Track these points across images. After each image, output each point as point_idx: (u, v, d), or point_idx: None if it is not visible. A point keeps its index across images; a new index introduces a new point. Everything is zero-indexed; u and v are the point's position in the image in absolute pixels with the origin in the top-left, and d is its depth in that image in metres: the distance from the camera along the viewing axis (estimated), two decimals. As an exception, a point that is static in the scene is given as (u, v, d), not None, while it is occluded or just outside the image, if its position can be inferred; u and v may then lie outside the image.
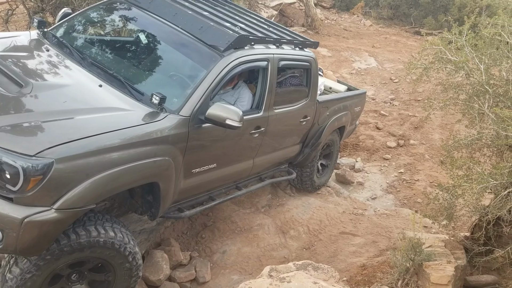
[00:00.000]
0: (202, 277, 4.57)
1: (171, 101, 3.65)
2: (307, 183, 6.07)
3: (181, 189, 3.90)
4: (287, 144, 5.33)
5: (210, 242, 5.09)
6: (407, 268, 3.78)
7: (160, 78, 4.10)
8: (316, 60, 5.27)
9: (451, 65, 3.82)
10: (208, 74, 3.82)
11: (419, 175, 7.30)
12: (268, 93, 4.51)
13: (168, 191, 3.66)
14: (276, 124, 4.77)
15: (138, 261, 3.52)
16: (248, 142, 4.51)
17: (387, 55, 12.92)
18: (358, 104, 6.63)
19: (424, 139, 8.42)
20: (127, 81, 3.74)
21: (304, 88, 5.21)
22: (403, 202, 6.63)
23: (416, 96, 9.95)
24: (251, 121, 4.38)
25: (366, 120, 8.81)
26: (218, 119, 3.62)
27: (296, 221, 5.46)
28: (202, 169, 4.03)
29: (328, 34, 13.98)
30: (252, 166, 4.83)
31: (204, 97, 3.72)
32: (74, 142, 2.94)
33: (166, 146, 3.45)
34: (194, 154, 3.80)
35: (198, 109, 3.67)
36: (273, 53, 4.52)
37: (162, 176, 3.51)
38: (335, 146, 6.45)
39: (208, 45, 4.01)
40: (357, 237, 5.31)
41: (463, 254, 4.13)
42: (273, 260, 4.92)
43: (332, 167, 6.66)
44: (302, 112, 5.22)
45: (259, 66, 4.41)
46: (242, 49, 4.13)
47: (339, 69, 11.38)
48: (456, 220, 4.28)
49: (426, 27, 15.15)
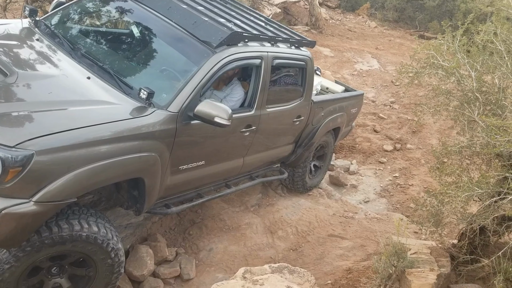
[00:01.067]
0: (187, 274, 4.55)
1: (160, 96, 3.62)
2: (298, 183, 6.02)
3: (168, 185, 3.88)
4: (279, 143, 5.28)
5: (197, 239, 5.07)
6: (390, 274, 3.75)
7: (151, 72, 4.05)
8: (312, 59, 5.23)
9: (442, 71, 3.77)
10: (199, 70, 3.78)
11: (414, 180, 7.25)
12: (261, 92, 4.47)
13: (153, 187, 3.62)
14: (268, 123, 4.73)
15: (121, 258, 3.49)
16: (239, 140, 4.46)
17: (390, 57, 12.85)
18: (355, 105, 6.55)
19: (421, 144, 8.36)
20: (116, 74, 3.70)
21: (299, 88, 5.15)
22: (396, 207, 6.59)
23: (416, 100, 9.87)
24: (242, 119, 4.34)
25: (364, 122, 8.76)
26: (207, 116, 3.58)
27: (285, 221, 5.44)
28: (190, 166, 4.01)
29: (331, 34, 13.91)
30: (242, 164, 4.79)
31: (193, 94, 3.68)
32: (57, 134, 2.91)
33: (153, 141, 3.42)
34: (181, 150, 3.76)
35: (187, 106, 3.63)
36: (267, 51, 4.46)
37: (147, 172, 3.48)
38: (329, 148, 6.38)
39: (200, 40, 3.96)
40: (346, 240, 5.28)
41: (448, 262, 4.09)
42: (259, 260, 4.90)
43: (325, 169, 6.60)
44: (295, 112, 5.16)
45: (252, 64, 4.36)
46: (235, 46, 4.08)
47: (341, 70, 11.33)
48: (443, 227, 4.24)
49: (431, 31, 15.06)
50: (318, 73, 6.95)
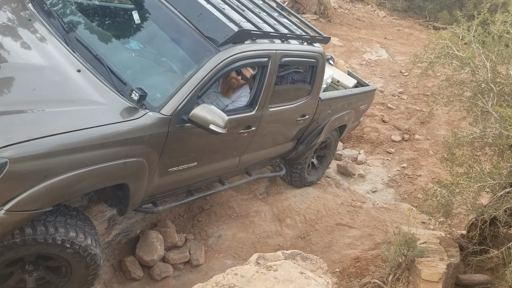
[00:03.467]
0: (196, 260, 4.60)
1: (154, 96, 3.37)
2: (296, 178, 5.84)
3: (156, 186, 3.69)
4: (279, 141, 5.04)
5: (206, 226, 5.11)
6: (399, 263, 3.77)
7: (147, 67, 3.80)
8: (324, 55, 4.88)
9: (457, 61, 3.75)
10: (199, 71, 3.48)
11: (422, 170, 7.24)
12: (265, 92, 4.18)
13: (138, 191, 3.44)
14: (269, 123, 4.47)
15: (97, 262, 3.31)
16: (235, 141, 4.22)
17: (399, 47, 12.75)
18: (364, 101, 6.22)
19: (430, 135, 8.33)
20: (110, 66, 3.39)
21: (307, 86, 4.84)
22: (403, 197, 6.59)
23: (425, 91, 9.82)
24: (241, 121, 4.08)
25: (372, 112, 8.73)
26: (202, 122, 3.32)
27: (293, 209, 5.46)
28: (180, 168, 3.79)
29: (340, 23, 13.81)
30: (238, 163, 4.57)
31: (190, 96, 3.39)
32: (34, 141, 2.66)
33: (141, 146, 3.18)
34: (172, 154, 3.55)
35: (182, 108, 3.36)
36: (275, 49, 4.15)
37: (132, 177, 3.27)
38: (332, 144, 6.12)
39: (204, 36, 3.64)
40: (354, 229, 5.30)
41: (457, 252, 4.10)
42: (268, 247, 4.93)
43: (327, 165, 6.38)
44: (300, 110, 4.88)
45: (258, 62, 4.05)
46: (241, 44, 3.77)
47: (349, 60, 11.26)
48: (453, 218, 4.25)
49: (440, 21, 14.92)
50: (331, 62, 6.49)
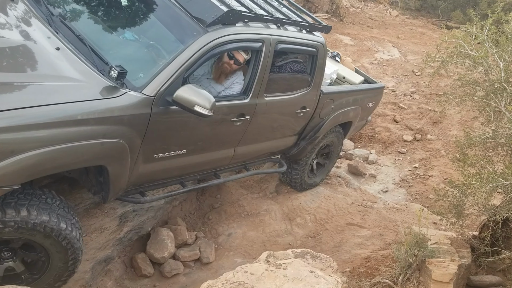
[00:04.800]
0: (206, 258, 4.62)
1: (136, 76, 3.26)
2: (296, 180, 5.61)
3: (141, 174, 3.55)
4: (279, 135, 4.86)
5: (217, 224, 5.13)
6: (410, 263, 3.75)
7: (132, 47, 3.68)
8: (325, 46, 4.68)
9: (470, 60, 3.72)
10: (185, 50, 3.35)
11: (434, 171, 7.19)
12: (259, 79, 4.00)
13: (119, 175, 3.30)
14: (265, 113, 4.29)
15: (75, 245, 3.18)
16: (228, 130, 4.04)
17: (411, 47, 12.66)
18: (372, 99, 5.98)
19: (442, 135, 8.27)
20: (93, 46, 3.29)
21: (307, 76, 4.63)
22: (415, 197, 6.56)
23: (438, 91, 9.75)
24: (233, 108, 3.93)
25: (384, 112, 8.69)
26: (186, 104, 3.20)
27: (303, 209, 5.46)
28: (167, 154, 3.64)
29: (352, 22, 13.76)
30: (233, 155, 4.38)
31: (175, 76, 3.27)
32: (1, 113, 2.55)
33: (120, 127, 3.05)
34: (156, 138, 3.42)
35: (166, 89, 3.23)
36: (270, 34, 3.97)
37: (111, 159, 3.13)
38: (336, 146, 5.87)
39: (192, 16, 3.53)
40: (364, 229, 5.28)
41: (468, 253, 4.08)
42: (278, 246, 4.94)
43: (330, 168, 6.14)
44: (300, 102, 4.67)
45: (250, 47, 3.89)
46: (232, 26, 3.63)
47: (361, 59, 11.21)
48: (464, 219, 4.22)
49: (454, 21, 14.78)
50: (338, 59, 6.34)
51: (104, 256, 4.11)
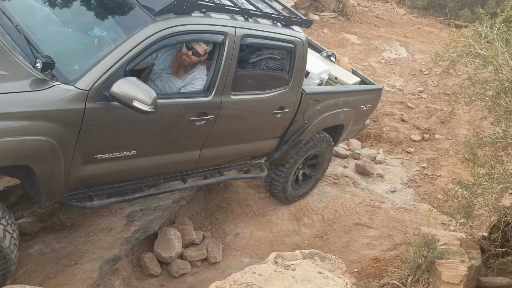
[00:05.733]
0: (213, 258, 4.62)
1: (71, 68, 3.04)
2: (277, 188, 5.14)
3: (81, 176, 3.27)
4: (255, 137, 4.51)
5: (224, 224, 5.12)
6: (419, 265, 3.73)
7: (72, 38, 3.47)
8: (305, 42, 4.32)
9: (479, 59, 3.68)
10: (127, 41, 3.10)
11: (442, 170, 7.13)
12: (222, 75, 3.69)
13: (49, 177, 3.02)
14: (234, 113, 3.98)
15: (7, 256, 2.94)
16: (188, 130, 3.72)
17: (419, 46, 12.58)
18: (367, 101, 5.54)
19: (450, 135, 8.21)
20: (29, 37, 3.08)
21: (284, 74, 4.28)
22: (423, 197, 6.51)
23: (446, 90, 9.68)
24: (192, 106, 3.63)
25: (391, 111, 8.64)
26: (124, 99, 2.94)
27: (310, 209, 5.44)
28: (112, 155, 3.33)
29: (359, 21, 13.68)
30: (199, 158, 4.03)
31: (114, 69, 3.02)
32: None
33: (46, 123, 2.81)
34: (96, 137, 3.15)
35: (104, 83, 2.97)
36: (235, 26, 3.68)
37: (36, 159, 2.87)
38: (325, 156, 5.38)
39: (140, 4, 3.29)
40: (372, 229, 5.26)
41: (478, 254, 4.04)
42: (285, 246, 4.92)
43: (316, 181, 5.63)
44: (277, 102, 4.30)
45: (209, 39, 3.62)
46: (187, 16, 3.36)
47: (368, 58, 11.16)
48: (474, 219, 4.19)
49: (461, 19, 14.67)
50: (333, 59, 5.91)
51: (112, 255, 4.12)
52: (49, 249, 4.01)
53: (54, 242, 4.09)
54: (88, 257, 4.04)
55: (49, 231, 4.19)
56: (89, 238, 4.23)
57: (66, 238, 4.16)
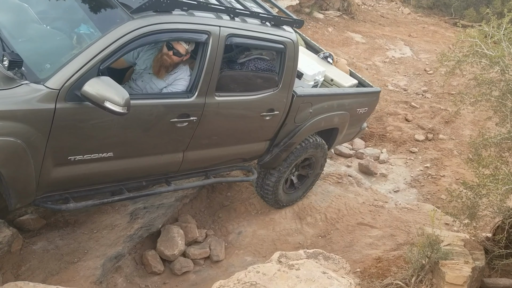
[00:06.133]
0: (216, 256, 4.62)
1: (43, 67, 2.97)
2: (268, 192, 5.00)
3: (54, 178, 3.18)
4: (243, 140, 4.40)
5: (227, 222, 5.12)
6: (423, 265, 3.71)
7: (45, 36, 3.39)
8: (296, 42, 4.20)
9: (486, 60, 3.66)
10: (101, 39, 3.01)
11: (446, 171, 7.11)
12: (206, 76, 3.58)
13: (17, 178, 2.94)
14: (218, 114, 3.86)
15: None
16: (168, 132, 3.60)
17: (423, 45, 12.54)
18: (364, 104, 5.37)
19: (454, 135, 8.18)
20: (2, 34, 3.02)
21: (273, 76, 4.18)
22: (426, 197, 6.49)
23: (450, 90, 9.64)
24: (172, 107, 3.51)
25: (395, 111, 8.61)
26: (96, 99, 2.85)
27: (314, 208, 5.42)
28: (86, 157, 3.23)
29: (364, 20, 13.64)
30: (182, 160, 3.92)
31: (87, 68, 2.93)
32: None
33: (13, 123, 2.73)
34: (68, 138, 3.06)
35: (75, 82, 2.88)
36: (219, 25, 3.57)
37: (2, 160, 2.79)
38: (318, 160, 5.23)
39: (118, 1, 3.21)
40: (375, 229, 5.24)
41: (482, 255, 4.03)
42: (288, 245, 4.92)
43: (309, 186, 5.46)
44: (265, 104, 4.18)
45: (191, 39, 3.53)
46: (167, 14, 3.27)
47: (372, 57, 11.13)
48: (478, 220, 4.17)
49: (467, 19, 14.61)
50: (330, 61, 5.77)
51: (115, 252, 4.12)
52: (52, 246, 4.02)
53: (58, 239, 4.09)
54: (91, 254, 4.05)
55: (52, 228, 4.20)
56: (92, 235, 4.24)
57: (69, 235, 4.17)
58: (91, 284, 3.81)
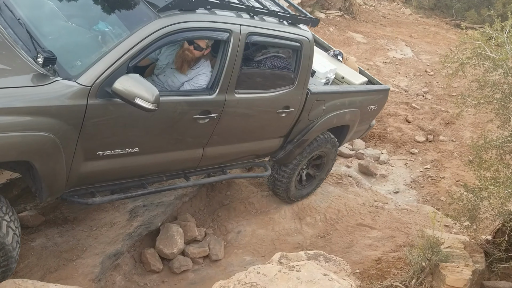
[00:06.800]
0: (215, 255, 4.60)
1: (74, 64, 3.04)
2: (280, 188, 5.12)
3: (83, 172, 3.26)
4: (259, 136, 4.48)
5: (226, 221, 5.10)
6: (423, 267, 3.70)
7: (75, 34, 3.46)
8: (311, 41, 4.30)
9: (489, 62, 3.64)
10: (130, 37, 3.10)
11: (446, 172, 7.10)
12: (227, 73, 3.67)
13: (49, 172, 3.00)
14: (237, 111, 3.95)
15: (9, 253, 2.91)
16: (191, 128, 3.69)
17: (424, 46, 12.52)
18: (374, 102, 5.49)
19: (455, 136, 8.17)
20: (31, 31, 3.07)
21: (289, 73, 4.26)
22: (426, 199, 6.48)
23: (451, 91, 9.64)
24: (195, 104, 3.59)
25: (396, 112, 8.60)
26: (126, 96, 2.93)
27: (313, 208, 5.42)
28: (114, 152, 3.33)
29: (365, 20, 13.63)
30: (202, 156, 4.01)
31: (117, 65, 3.00)
32: None
33: (47, 119, 2.79)
34: (98, 133, 3.14)
35: (106, 79, 2.96)
36: (240, 24, 3.65)
37: (37, 155, 2.85)
38: (329, 157, 5.35)
39: (145, 0, 3.30)
40: (375, 230, 5.23)
41: (482, 258, 4.02)
42: (287, 245, 4.91)
43: (321, 180, 5.59)
44: (282, 101, 4.27)
45: (214, 37, 3.61)
46: (191, 13, 3.36)
47: (373, 57, 11.11)
48: (478, 223, 4.16)
49: (468, 21, 14.60)
50: (340, 58, 5.86)
51: (114, 250, 4.11)
52: (51, 243, 4.00)
53: (56, 236, 4.08)
54: (90, 251, 4.03)
55: (51, 224, 4.18)
56: (92, 232, 4.22)
57: (68, 232, 4.15)
58: (89, 281, 3.80)
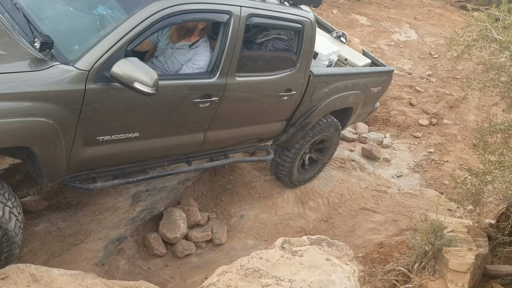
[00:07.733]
0: (218, 239, 4.61)
1: (71, 48, 3.00)
2: (283, 172, 5.09)
3: (83, 158, 3.23)
4: (262, 120, 4.43)
5: (229, 206, 5.11)
6: (426, 252, 3.70)
7: (73, 18, 3.41)
8: (313, 22, 4.21)
9: (495, 44, 3.58)
10: (127, 20, 3.04)
11: (449, 156, 7.07)
12: (227, 56, 3.60)
13: (49, 158, 2.98)
14: (239, 95, 3.90)
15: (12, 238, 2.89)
16: (192, 112, 3.64)
17: (429, 28, 12.37)
18: (377, 84, 5.38)
19: (459, 120, 8.11)
20: (28, 15, 3.02)
21: (291, 56, 4.18)
22: (429, 183, 6.46)
23: (455, 74, 9.54)
24: (195, 87, 3.54)
25: (399, 95, 8.53)
26: (124, 80, 2.89)
27: (316, 192, 5.41)
28: (114, 137, 3.29)
29: (369, 2, 13.45)
30: (203, 141, 3.97)
31: (115, 49, 2.95)
32: None
33: (46, 104, 2.76)
34: (97, 118, 3.10)
35: (104, 63, 2.91)
36: (239, 5, 3.57)
37: (35, 140, 2.83)
38: (332, 141, 5.30)
39: None
40: (378, 214, 5.23)
41: (485, 242, 4.01)
42: (290, 229, 4.91)
43: (323, 164, 5.57)
44: (283, 84, 4.20)
45: (213, 19, 3.56)
46: None
47: (377, 40, 10.99)
48: (482, 207, 4.14)
49: (473, 2, 14.40)
50: (343, 40, 5.76)
51: (117, 235, 4.12)
52: (54, 228, 4.01)
53: (60, 221, 4.09)
54: (94, 236, 4.05)
55: (54, 209, 4.19)
56: (95, 217, 4.23)
57: (71, 217, 4.16)
58: (93, 266, 3.82)
